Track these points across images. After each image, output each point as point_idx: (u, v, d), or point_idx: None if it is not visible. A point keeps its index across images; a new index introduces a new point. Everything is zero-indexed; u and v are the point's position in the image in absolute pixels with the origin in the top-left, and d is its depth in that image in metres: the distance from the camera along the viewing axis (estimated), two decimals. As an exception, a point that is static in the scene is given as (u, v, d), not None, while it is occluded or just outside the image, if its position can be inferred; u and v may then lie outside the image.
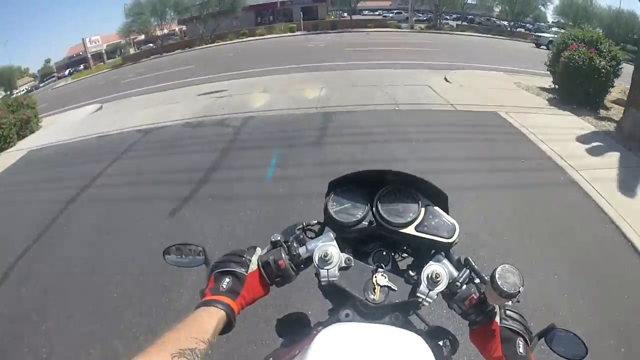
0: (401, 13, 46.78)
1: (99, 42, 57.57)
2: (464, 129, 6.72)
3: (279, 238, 0.92)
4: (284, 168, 5.65)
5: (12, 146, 11.89)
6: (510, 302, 0.81)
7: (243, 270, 0.85)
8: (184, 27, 47.61)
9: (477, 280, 0.89)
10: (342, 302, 0.91)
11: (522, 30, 44.90)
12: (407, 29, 36.87)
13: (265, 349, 1.36)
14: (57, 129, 12.31)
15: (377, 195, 0.96)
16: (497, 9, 47.72)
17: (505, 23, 46.78)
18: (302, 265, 0.93)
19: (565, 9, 44.52)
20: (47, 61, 78.18)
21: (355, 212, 0.94)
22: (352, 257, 0.90)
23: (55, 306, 3.45)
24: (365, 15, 51.04)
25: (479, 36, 35.75)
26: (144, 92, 14.81)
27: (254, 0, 42.83)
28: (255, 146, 6.65)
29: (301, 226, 0.98)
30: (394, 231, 0.92)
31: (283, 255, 0.88)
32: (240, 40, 36.62)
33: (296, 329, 1.01)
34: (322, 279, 0.87)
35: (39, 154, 9.13)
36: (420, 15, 47.23)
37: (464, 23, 45.08)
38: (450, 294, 0.87)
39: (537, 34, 34.06)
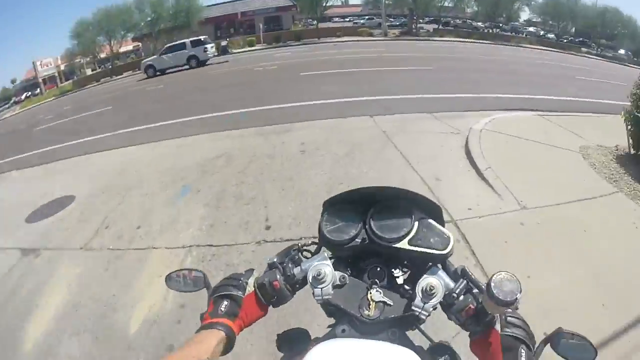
0: (373, 19, 44.02)
1: (51, 64, 51.88)
2: None
3: (275, 260, 0.92)
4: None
5: None
6: (509, 309, 0.81)
7: (240, 292, 0.86)
8: (140, 45, 42.89)
9: (475, 290, 0.86)
10: (341, 318, 0.88)
11: (499, 31, 42.08)
12: (381, 37, 33.43)
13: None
14: None
15: (370, 212, 0.94)
16: (469, 10, 44.94)
17: (480, 24, 44.36)
18: (297, 286, 0.91)
19: (548, 8, 41.97)
20: (13, 82, 70.78)
21: (348, 230, 0.92)
22: (346, 275, 0.89)
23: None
24: (336, 22, 47.70)
25: (464, 41, 32.28)
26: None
27: (213, 12, 39.09)
28: None
29: (297, 247, 0.97)
30: (388, 246, 0.90)
31: (278, 276, 0.88)
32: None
33: (295, 344, 0.94)
34: (316, 298, 0.86)
35: None
36: (392, 20, 44.25)
37: (440, 27, 41.70)
38: (447, 305, 0.85)
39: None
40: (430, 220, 0.94)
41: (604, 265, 3.18)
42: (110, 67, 38.34)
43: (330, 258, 0.92)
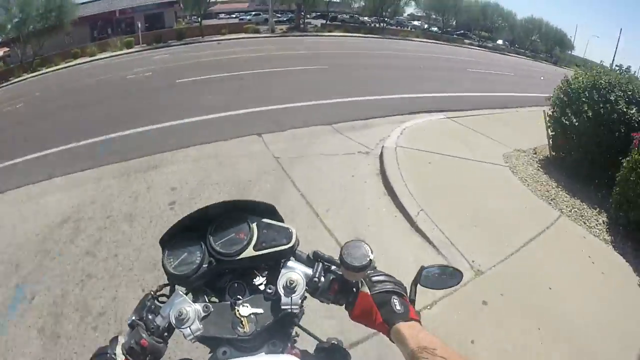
0: (259, 14, 42.84)
1: None
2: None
3: (133, 318, 0.86)
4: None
5: None
6: (370, 271, 0.84)
7: None
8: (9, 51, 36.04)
9: (333, 267, 0.89)
10: (220, 343, 0.85)
11: (386, 25, 43.92)
12: (268, 33, 32.35)
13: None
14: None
15: (208, 232, 0.93)
16: (356, 5, 46.15)
17: (367, 19, 45.81)
18: (166, 334, 0.85)
19: (434, 4, 45.04)
20: None
21: (193, 260, 0.90)
22: (209, 303, 0.87)
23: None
24: (222, 19, 45.38)
25: (353, 36, 32.71)
26: None
27: (89, 10, 34.45)
28: None
29: (150, 295, 0.90)
30: (235, 260, 0.90)
31: (143, 334, 0.81)
32: (64, 65, 27.91)
33: None
34: (188, 338, 0.83)
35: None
36: (280, 15, 43.55)
37: (328, 22, 41.95)
38: (313, 290, 0.87)
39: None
40: (267, 220, 0.95)
41: (586, 338, 2.73)
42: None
43: (187, 293, 0.89)
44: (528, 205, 4.46)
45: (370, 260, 0.79)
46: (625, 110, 4.66)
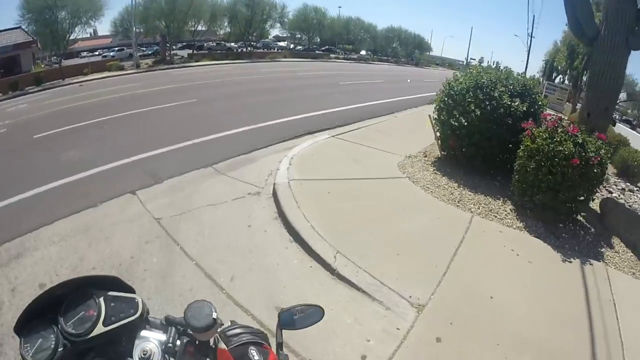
0: (123, 49, 40.12)
1: None
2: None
3: None
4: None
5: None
6: (223, 325, 0.91)
7: None
8: None
9: (188, 330, 0.87)
10: None
11: (253, 49, 44.27)
12: (133, 69, 30.08)
13: None
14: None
15: (58, 314, 0.88)
16: (222, 32, 45.74)
17: (234, 44, 45.69)
18: None
19: (300, 24, 46.72)
20: None
21: (48, 345, 0.84)
22: None
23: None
24: (84, 57, 41.06)
25: (221, 64, 32.03)
26: None
27: None
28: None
29: None
30: (87, 339, 0.85)
31: None
32: None
33: None
34: None
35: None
36: (144, 49, 41.09)
37: (194, 52, 40.72)
38: (172, 355, 0.85)
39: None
40: (113, 293, 0.92)
41: (542, 335, 2.70)
42: None
43: None
44: (439, 214, 4.35)
45: (215, 318, 0.82)
46: (509, 103, 4.91)
